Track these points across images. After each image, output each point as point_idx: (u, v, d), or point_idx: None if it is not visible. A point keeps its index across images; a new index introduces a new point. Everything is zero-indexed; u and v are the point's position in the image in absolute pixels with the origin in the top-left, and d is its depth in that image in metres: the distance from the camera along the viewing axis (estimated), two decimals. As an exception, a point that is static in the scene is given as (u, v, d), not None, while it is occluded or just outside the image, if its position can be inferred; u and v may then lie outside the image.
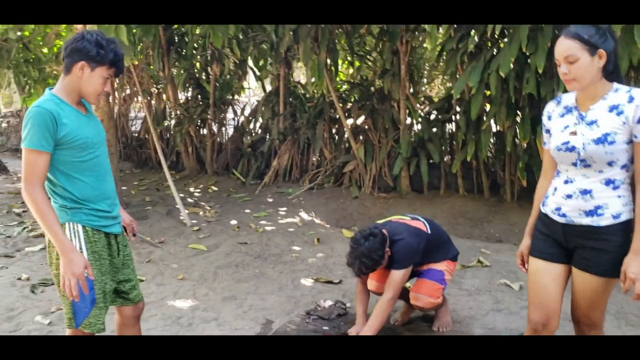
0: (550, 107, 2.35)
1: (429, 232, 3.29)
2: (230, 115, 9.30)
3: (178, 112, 8.92)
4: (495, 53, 5.10)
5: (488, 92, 5.57)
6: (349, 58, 7.95)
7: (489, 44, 5.68)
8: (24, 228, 5.98)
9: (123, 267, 2.53)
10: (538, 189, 2.46)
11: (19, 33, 7.31)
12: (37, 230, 5.86)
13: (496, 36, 5.37)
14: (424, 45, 7.44)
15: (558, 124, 2.27)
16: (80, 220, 2.34)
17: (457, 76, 5.78)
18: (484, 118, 5.69)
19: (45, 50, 7.65)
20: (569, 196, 2.21)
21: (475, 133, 5.86)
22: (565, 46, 2.08)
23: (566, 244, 2.27)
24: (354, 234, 3.32)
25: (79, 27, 6.14)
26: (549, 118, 2.34)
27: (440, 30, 5.75)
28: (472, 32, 5.22)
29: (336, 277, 4.43)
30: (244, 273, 4.57)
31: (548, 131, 2.33)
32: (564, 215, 2.23)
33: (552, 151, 2.26)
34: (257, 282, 4.38)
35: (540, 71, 4.49)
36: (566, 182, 2.24)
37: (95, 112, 6.33)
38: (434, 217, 6.13)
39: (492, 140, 6.32)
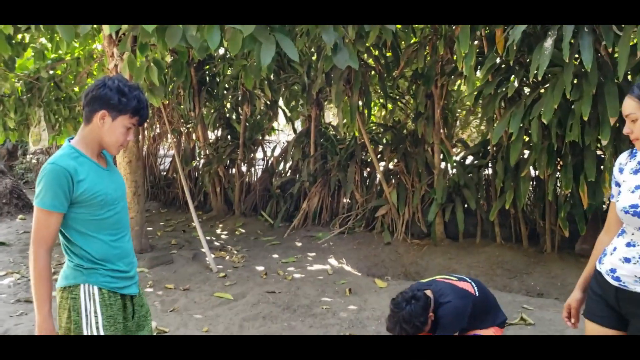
0: (622, 159, 2.17)
1: (477, 294, 3.04)
2: (259, 155, 9.20)
3: (207, 151, 8.85)
4: (536, 98, 4.89)
5: (526, 138, 5.35)
6: (381, 101, 7.81)
7: (528, 90, 5.50)
8: (49, 270, 5.86)
9: (138, 329, 2.34)
10: (597, 244, 2.27)
11: (51, 72, 7.37)
12: (59, 272, 5.73)
13: (536, 80, 5.16)
14: (460, 89, 7.27)
15: (629, 181, 2.07)
16: (97, 282, 2.17)
17: (495, 121, 5.58)
18: (523, 164, 5.45)
19: (76, 89, 7.69)
20: (628, 260, 2.01)
21: (513, 180, 5.61)
22: (626, 105, 2.00)
23: (619, 309, 2.07)
24: (395, 296, 3.08)
25: (111, 67, 6.14)
26: (620, 171, 2.15)
27: (478, 73, 5.57)
28: (512, 77, 5.03)
29: (369, 333, 4.17)
30: (271, 327, 4.34)
31: (618, 184, 2.14)
32: (617, 279, 2.04)
33: (619, 211, 2.05)
34: (286, 337, 4.14)
35: (585, 118, 4.25)
36: (628, 244, 2.03)
37: (123, 152, 6.28)
38: (471, 267, 5.87)
39: (531, 188, 6.05)
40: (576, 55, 4.33)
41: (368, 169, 7.65)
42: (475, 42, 4.93)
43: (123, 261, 2.25)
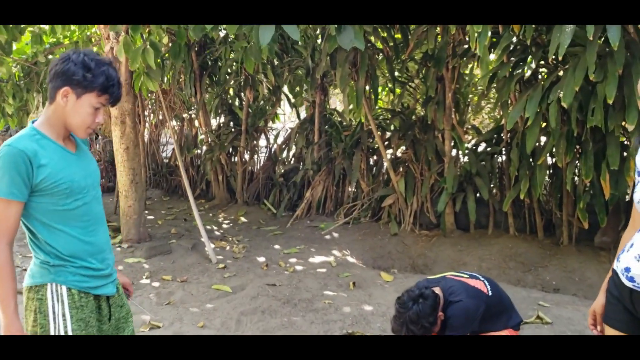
0: None
1: (490, 294, 2.76)
2: (262, 142, 8.93)
3: (209, 138, 8.59)
4: (554, 80, 4.57)
5: (543, 124, 5.05)
6: (389, 85, 7.49)
7: (544, 71, 5.18)
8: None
9: (116, 333, 2.08)
10: (622, 240, 2.01)
11: (49, 56, 7.12)
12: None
13: (555, 61, 4.85)
14: (473, 72, 6.94)
15: None
16: (66, 281, 1.91)
17: (509, 105, 5.27)
18: (539, 152, 5.14)
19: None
20: None
21: (529, 168, 5.31)
22: None
23: (636, 313, 1.82)
24: (401, 294, 2.81)
25: (107, 50, 5.88)
26: None
27: (492, 55, 5.25)
28: (529, 57, 4.72)
29: (374, 331, 3.91)
30: (270, 322, 4.08)
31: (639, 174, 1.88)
32: (631, 279, 1.79)
33: (636, 203, 1.82)
34: (284, 333, 3.89)
35: (610, 101, 3.94)
36: None
37: (120, 139, 6.03)
38: (482, 259, 5.59)
39: (547, 177, 5.74)
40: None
41: (374, 157, 7.35)
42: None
43: (96, 257, 1.99)
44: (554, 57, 4.13)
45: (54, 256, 1.90)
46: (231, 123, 8.70)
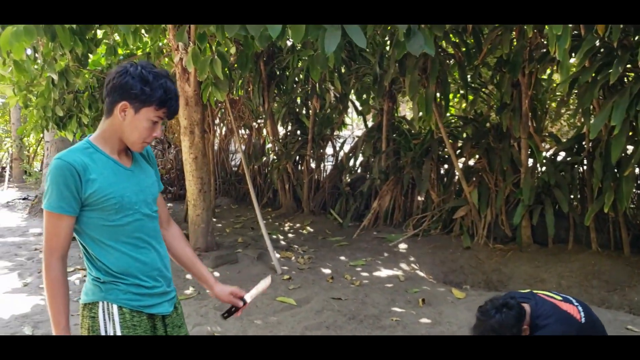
0: None
1: (583, 321, 2.50)
2: (329, 151, 8.83)
3: (276, 147, 8.59)
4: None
5: (631, 132, 4.66)
6: (460, 91, 7.22)
7: (632, 76, 4.78)
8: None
9: None
10: None
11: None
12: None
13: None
14: (552, 77, 6.56)
15: None
16: (116, 299, 1.85)
17: (592, 113, 4.91)
18: (626, 162, 4.75)
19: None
20: None
21: (614, 180, 4.92)
22: None
23: None
24: (483, 303, 2.60)
25: (177, 61, 5.96)
26: None
27: (572, 59, 4.91)
28: (615, 61, 4.36)
29: (444, 353, 3.69)
30: (335, 339, 3.94)
31: None
32: None
33: None
34: (350, 352, 3.74)
35: None
36: None
37: (189, 148, 6.10)
38: (562, 276, 5.23)
39: (635, 189, 5.31)
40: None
41: (445, 166, 7.09)
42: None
43: (148, 275, 1.92)
44: (638, 60, 3.79)
45: (104, 272, 1.85)
46: (298, 132, 8.68)
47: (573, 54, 4.80)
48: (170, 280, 2.04)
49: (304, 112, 8.74)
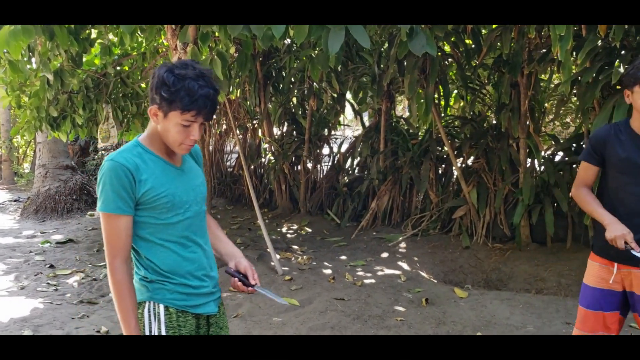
0: None
1: None
2: (326, 151, 8.82)
3: (272, 148, 8.57)
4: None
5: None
6: (457, 91, 7.23)
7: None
8: (112, 270, 5.71)
9: None
10: None
11: (117, 68, 7.27)
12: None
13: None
14: (551, 77, 6.59)
15: None
16: (163, 299, 1.87)
17: (591, 113, 4.94)
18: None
19: (143, 84, 7.57)
20: None
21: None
22: None
23: None
24: None
25: (175, 60, 5.92)
26: None
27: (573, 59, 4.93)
28: (617, 62, 4.39)
29: (451, 353, 3.69)
30: (341, 340, 3.93)
31: None
32: None
33: None
34: (357, 352, 3.73)
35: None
36: None
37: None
38: (562, 275, 5.26)
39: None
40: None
41: (444, 166, 7.10)
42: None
43: (195, 275, 1.92)
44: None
45: (152, 271, 1.87)
46: (294, 132, 8.65)
47: (574, 54, 4.83)
48: (216, 280, 2.03)
49: (300, 112, 8.71)
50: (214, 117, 9.64)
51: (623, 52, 4.41)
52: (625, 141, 2.45)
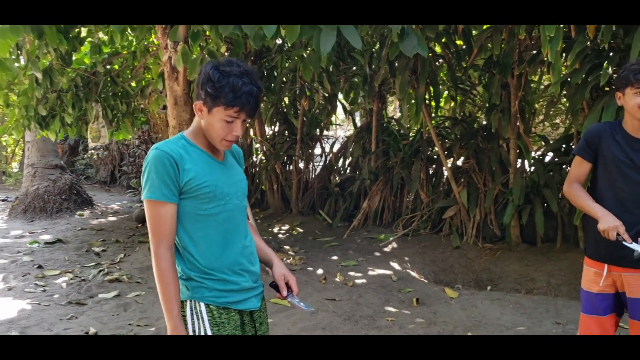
0: None
1: None
2: (317, 151, 8.82)
3: (264, 147, 8.55)
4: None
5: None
6: (448, 92, 7.26)
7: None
8: (100, 271, 5.68)
9: None
10: None
11: (107, 66, 7.22)
12: (113, 273, 5.54)
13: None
14: (542, 79, 6.63)
15: None
16: (202, 297, 1.87)
17: (580, 114, 4.97)
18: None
19: (133, 83, 7.52)
20: None
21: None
22: None
23: None
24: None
25: (165, 59, 5.89)
26: None
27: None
28: (605, 63, 4.42)
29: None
30: (332, 340, 3.93)
31: None
32: None
33: None
34: (348, 353, 3.73)
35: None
36: None
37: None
38: (552, 275, 5.29)
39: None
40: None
41: (434, 166, 7.12)
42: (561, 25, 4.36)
43: (234, 270, 1.92)
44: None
45: (192, 268, 1.88)
46: (286, 132, 8.64)
47: (563, 56, 4.86)
48: (258, 275, 2.02)
49: (292, 112, 8.70)
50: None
51: (611, 53, 4.43)
52: (620, 141, 2.49)
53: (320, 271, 5.59)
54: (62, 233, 7.77)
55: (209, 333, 1.84)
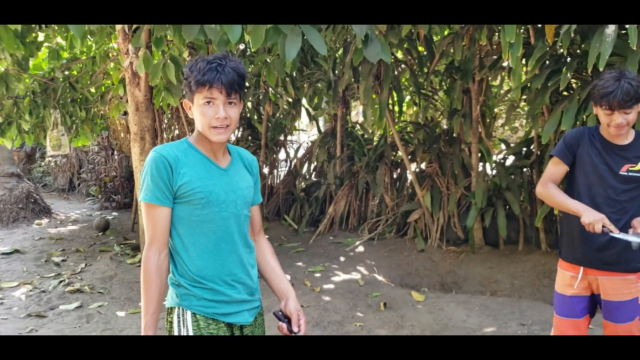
0: None
1: None
2: (282, 156, 8.79)
3: (228, 153, 8.47)
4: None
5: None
6: (410, 97, 7.34)
7: (579, 83, 5.00)
8: (61, 281, 5.52)
9: None
10: None
11: (66, 72, 7.05)
12: (74, 284, 5.39)
13: (590, 73, 4.67)
14: (502, 84, 6.77)
15: None
16: (190, 305, 1.84)
17: (540, 118, 5.09)
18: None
19: (92, 89, 7.35)
20: None
21: (562, 182, 5.11)
22: None
23: None
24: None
25: (126, 65, 5.78)
26: None
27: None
28: (564, 68, 4.54)
29: (411, 357, 3.73)
30: (301, 347, 3.91)
31: None
32: None
33: None
34: (317, 359, 3.72)
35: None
36: None
37: (140, 155, 5.92)
38: (515, 276, 5.39)
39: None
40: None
41: (399, 171, 7.20)
42: (521, 30, 4.47)
43: (224, 280, 1.88)
44: (588, 67, 3.96)
45: (182, 275, 1.86)
46: (250, 137, 8.59)
47: (523, 61, 4.98)
48: (254, 289, 1.97)
49: (255, 117, 8.65)
50: (166, 121, 9.46)
51: (569, 59, 4.56)
52: (598, 147, 2.55)
53: (287, 277, 5.56)
54: (19, 243, 7.53)
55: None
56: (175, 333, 1.84)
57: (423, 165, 6.82)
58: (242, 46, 7.25)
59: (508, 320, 4.26)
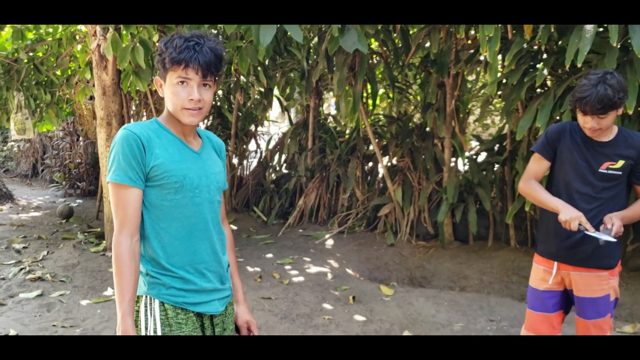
0: None
1: None
2: (252, 147, 8.65)
3: (197, 142, 8.29)
4: (567, 88, 4.39)
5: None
6: (384, 90, 7.28)
7: (553, 80, 5.01)
8: (21, 269, 5.30)
9: None
10: None
11: (30, 53, 6.77)
12: (35, 272, 5.19)
13: (566, 70, 4.67)
14: (479, 78, 6.75)
15: None
16: (158, 294, 1.74)
17: (513, 114, 5.09)
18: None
19: (58, 72, 7.08)
20: None
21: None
22: None
23: None
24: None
25: (94, 47, 5.58)
26: None
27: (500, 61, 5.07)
28: (541, 64, 4.53)
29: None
30: (268, 340, 3.82)
31: None
32: None
33: None
34: (285, 353, 3.63)
35: (630, 112, 3.76)
36: None
37: (106, 141, 5.73)
38: (483, 272, 5.39)
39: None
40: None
41: (370, 164, 7.13)
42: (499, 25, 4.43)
43: (195, 268, 1.78)
44: (566, 64, 3.95)
45: (152, 262, 1.76)
46: (219, 126, 8.41)
47: (500, 56, 4.96)
48: (225, 277, 1.89)
49: (226, 106, 8.48)
50: (134, 108, 9.21)
51: (545, 55, 4.55)
52: (579, 143, 2.54)
53: (256, 269, 5.46)
54: (-23, 229, 7.24)
55: (160, 332, 1.72)
56: (142, 322, 1.74)
57: (395, 160, 6.77)
58: (214, 31, 7.07)
59: (477, 316, 4.25)
